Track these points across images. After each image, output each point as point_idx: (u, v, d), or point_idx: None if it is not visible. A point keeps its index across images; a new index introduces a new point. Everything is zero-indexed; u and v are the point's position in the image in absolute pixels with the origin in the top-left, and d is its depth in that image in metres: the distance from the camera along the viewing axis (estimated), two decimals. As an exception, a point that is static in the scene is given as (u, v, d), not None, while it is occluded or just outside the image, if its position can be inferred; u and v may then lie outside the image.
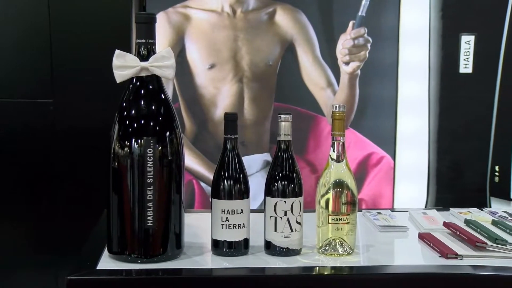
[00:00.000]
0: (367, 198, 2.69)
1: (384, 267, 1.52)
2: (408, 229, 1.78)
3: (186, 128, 2.61)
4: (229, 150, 1.54)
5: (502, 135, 2.88)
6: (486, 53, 2.80)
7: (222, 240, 1.52)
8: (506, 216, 1.84)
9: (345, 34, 2.62)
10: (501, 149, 2.91)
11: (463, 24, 2.78)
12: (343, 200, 1.52)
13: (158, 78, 1.49)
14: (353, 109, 2.67)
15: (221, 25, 2.58)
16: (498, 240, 1.52)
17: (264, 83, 2.61)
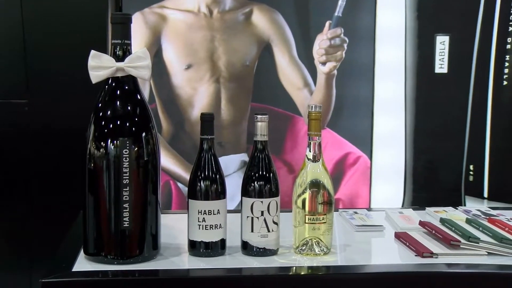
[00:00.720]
0: (344, 198, 2.70)
1: (360, 267, 1.52)
2: (385, 228, 1.79)
3: (163, 128, 2.60)
4: (205, 151, 1.53)
5: (476, 134, 2.91)
6: (460, 54, 2.83)
7: (199, 241, 1.52)
8: (479, 214, 1.86)
9: (322, 34, 2.63)
10: (475, 148, 2.94)
11: (438, 24, 2.81)
12: (319, 200, 1.52)
13: (134, 79, 1.48)
14: (330, 109, 2.69)
15: (197, 26, 2.58)
16: (471, 238, 1.53)
17: (241, 84, 2.62)
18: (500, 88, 2.89)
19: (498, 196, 2.93)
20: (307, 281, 1.46)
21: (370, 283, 1.48)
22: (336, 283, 1.47)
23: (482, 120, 2.93)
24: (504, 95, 2.91)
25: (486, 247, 1.52)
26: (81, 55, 1.56)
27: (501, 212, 1.90)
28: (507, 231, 1.59)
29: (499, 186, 2.94)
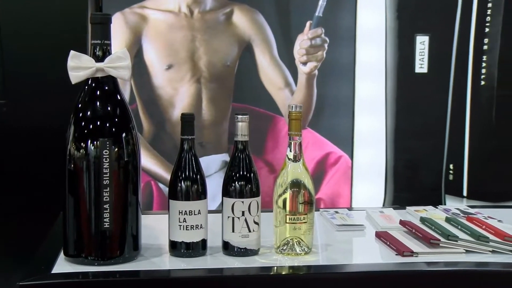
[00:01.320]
0: (325, 198, 2.71)
1: (341, 266, 1.53)
2: (365, 227, 1.79)
3: (144, 129, 2.59)
4: (186, 151, 1.53)
5: (456, 134, 2.94)
6: (440, 54, 2.85)
7: (180, 241, 1.51)
8: (458, 213, 1.87)
9: (303, 35, 2.63)
10: (455, 147, 2.96)
11: (418, 25, 2.82)
12: (300, 200, 1.52)
13: (114, 79, 1.48)
14: (311, 109, 2.69)
15: (178, 26, 2.57)
16: (450, 237, 1.55)
17: (222, 84, 2.61)
18: (478, 88, 2.92)
19: (477, 194, 2.95)
20: (288, 281, 1.47)
21: (351, 282, 1.48)
22: (317, 283, 1.47)
23: (462, 120, 2.95)
24: (482, 95, 2.93)
25: (464, 245, 1.54)
26: (61, 55, 1.55)
27: (479, 211, 1.92)
28: (484, 229, 1.61)
29: (478, 185, 2.97)
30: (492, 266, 1.47)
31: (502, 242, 1.53)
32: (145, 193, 2.60)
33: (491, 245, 1.53)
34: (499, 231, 1.56)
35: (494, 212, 1.91)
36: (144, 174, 2.59)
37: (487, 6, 2.81)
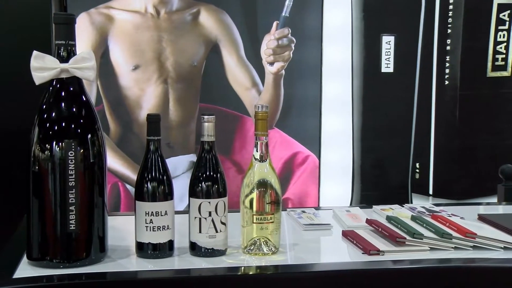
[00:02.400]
0: (293, 197, 2.72)
1: (309, 265, 1.53)
2: (332, 227, 1.80)
3: (111, 130, 2.58)
4: (152, 152, 1.52)
5: (422, 133, 2.98)
6: (405, 53, 2.89)
7: (147, 243, 1.51)
8: (423, 211, 1.89)
9: (269, 35, 2.64)
10: (421, 146, 3.00)
11: (383, 25, 2.86)
12: (267, 200, 1.53)
13: (79, 80, 1.47)
14: (278, 109, 2.70)
15: (145, 26, 2.56)
16: (415, 235, 1.56)
17: (189, 84, 2.61)
18: (443, 88, 2.96)
19: (442, 193, 3.00)
20: (256, 281, 1.47)
21: (319, 281, 1.49)
22: (284, 282, 1.48)
23: (427, 119, 2.99)
24: (447, 94, 2.97)
25: (429, 242, 1.55)
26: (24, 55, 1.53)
27: (443, 208, 1.94)
28: (448, 226, 1.63)
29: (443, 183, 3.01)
30: (454, 262, 1.50)
31: (464, 239, 1.55)
32: (112, 194, 2.59)
33: (454, 242, 1.55)
34: (461, 228, 1.59)
35: (458, 209, 1.94)
36: (111, 175, 2.58)
37: (449, 8, 2.85)
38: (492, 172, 2.63)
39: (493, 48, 2.99)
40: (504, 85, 3.09)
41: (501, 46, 3.01)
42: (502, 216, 1.87)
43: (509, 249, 1.55)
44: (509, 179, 2.30)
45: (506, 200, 2.29)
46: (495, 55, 3.01)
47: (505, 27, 2.99)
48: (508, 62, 3.06)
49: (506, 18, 2.97)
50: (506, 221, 1.73)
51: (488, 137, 3.07)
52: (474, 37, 2.96)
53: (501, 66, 3.04)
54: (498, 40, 3.00)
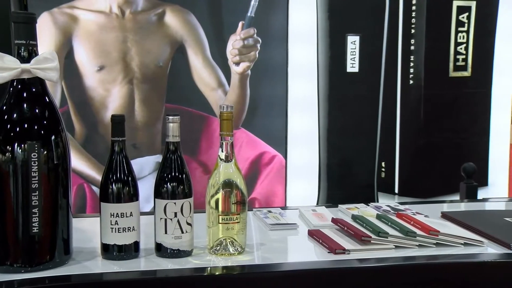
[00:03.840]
0: (260, 197, 2.73)
1: (275, 265, 1.54)
2: (298, 226, 1.81)
3: (76, 131, 2.55)
4: (117, 153, 1.51)
5: (387, 132, 3.00)
6: (370, 53, 2.91)
7: (112, 244, 1.49)
8: (389, 210, 1.91)
9: (235, 35, 2.64)
10: (386, 145, 3.03)
11: (348, 25, 2.88)
12: (232, 200, 1.53)
13: (42, 81, 1.45)
14: (244, 109, 2.71)
15: (109, 26, 2.54)
16: (380, 233, 1.58)
17: (154, 85, 2.60)
18: (407, 87, 2.99)
19: (408, 191, 3.03)
20: (222, 281, 1.47)
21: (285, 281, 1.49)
22: (251, 283, 1.48)
23: (392, 118, 3.02)
24: (411, 94, 3.01)
25: (394, 241, 1.57)
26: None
27: (408, 207, 1.96)
28: (412, 224, 1.65)
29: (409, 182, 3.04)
30: (418, 260, 1.52)
31: (428, 236, 1.57)
32: (78, 195, 2.56)
33: (418, 240, 1.57)
34: (425, 226, 1.61)
35: (422, 207, 1.96)
36: (76, 176, 2.55)
37: (412, 9, 2.89)
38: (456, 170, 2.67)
39: (454, 49, 3.04)
40: (466, 85, 3.14)
41: (462, 47, 3.06)
42: (463, 213, 1.90)
43: (469, 245, 1.57)
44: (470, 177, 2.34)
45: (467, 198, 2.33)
46: (456, 55, 3.06)
47: (464, 29, 3.04)
48: (468, 63, 3.11)
49: (465, 20, 3.03)
50: (467, 218, 1.76)
51: (451, 136, 3.12)
52: (437, 37, 3.00)
53: (462, 66, 3.09)
54: (459, 41, 3.04)
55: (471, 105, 3.19)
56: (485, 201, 2.33)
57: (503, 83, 3.38)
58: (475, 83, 3.19)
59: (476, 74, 3.17)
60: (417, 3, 2.89)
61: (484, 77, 3.23)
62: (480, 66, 3.18)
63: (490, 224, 1.70)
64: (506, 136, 3.52)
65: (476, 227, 1.67)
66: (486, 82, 3.24)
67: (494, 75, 3.28)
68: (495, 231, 1.63)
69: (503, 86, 3.38)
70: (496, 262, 1.52)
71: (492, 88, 3.28)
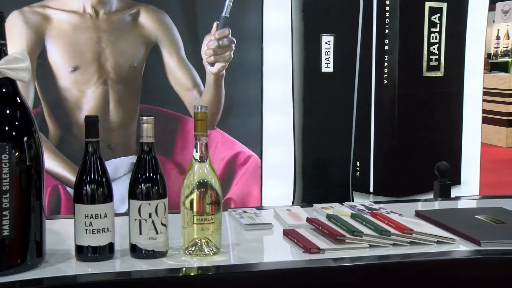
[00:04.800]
0: (235, 197, 2.73)
1: (250, 265, 1.54)
2: (273, 226, 1.81)
3: (50, 132, 2.53)
4: (90, 154, 1.50)
5: (362, 132, 3.02)
6: (345, 53, 2.93)
7: (86, 246, 1.48)
8: (363, 209, 1.92)
9: (210, 35, 2.64)
10: (361, 145, 3.05)
11: (323, 25, 2.89)
12: (207, 200, 1.52)
13: (12, 81, 1.43)
14: (220, 109, 2.71)
15: (83, 27, 2.52)
16: (355, 232, 1.59)
17: (129, 85, 2.59)
18: (382, 87, 3.02)
19: (382, 190, 3.05)
20: (197, 282, 1.46)
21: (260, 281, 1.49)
22: (226, 283, 1.48)
23: (367, 118, 3.04)
24: (385, 94, 3.03)
25: (368, 240, 1.58)
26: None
27: (382, 206, 1.97)
28: (387, 223, 1.66)
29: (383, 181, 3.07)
30: (392, 258, 1.53)
31: (401, 235, 1.59)
32: (52, 197, 2.54)
33: (392, 239, 1.58)
34: (399, 225, 1.62)
35: (397, 206, 1.97)
36: (51, 178, 2.53)
37: (386, 9, 2.91)
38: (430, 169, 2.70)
39: (427, 49, 3.07)
40: (439, 85, 3.17)
41: (434, 47, 3.09)
42: (437, 211, 1.92)
43: (442, 243, 1.59)
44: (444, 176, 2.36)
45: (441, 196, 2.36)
46: (429, 55, 3.09)
47: (436, 29, 3.07)
48: (441, 63, 3.15)
49: (437, 20, 3.06)
50: (440, 216, 1.78)
51: (425, 135, 3.15)
52: (410, 38, 3.03)
53: (435, 66, 3.12)
54: (431, 41, 3.08)
55: (444, 105, 3.23)
56: (458, 199, 2.36)
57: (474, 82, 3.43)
58: (448, 82, 3.22)
59: (449, 73, 3.20)
60: (391, 4, 2.92)
61: (456, 77, 3.27)
62: (452, 66, 3.22)
63: (461, 222, 1.72)
64: (477, 135, 3.57)
65: (449, 225, 1.69)
66: (458, 82, 3.28)
67: (466, 75, 3.32)
68: (466, 228, 1.65)
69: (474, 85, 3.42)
70: (467, 259, 1.54)
71: (464, 87, 3.32)
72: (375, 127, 3.06)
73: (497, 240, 1.58)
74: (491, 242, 1.57)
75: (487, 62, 8.87)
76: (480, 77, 3.53)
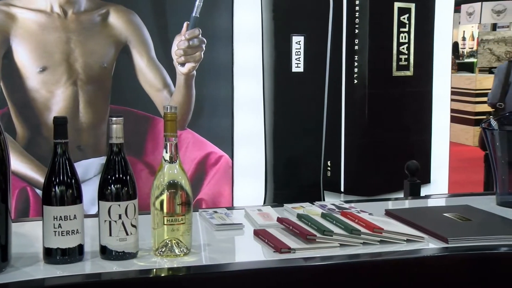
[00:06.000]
0: (207, 198, 2.72)
1: (221, 266, 1.54)
2: (244, 226, 1.81)
3: (18, 133, 2.50)
4: (59, 155, 1.49)
5: (333, 131, 3.04)
6: (315, 53, 2.94)
7: (55, 248, 1.47)
8: (334, 208, 1.93)
9: (180, 35, 2.63)
10: (332, 145, 3.06)
11: (293, 25, 2.90)
12: (177, 201, 1.52)
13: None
14: (190, 109, 2.70)
15: (51, 26, 2.50)
16: (325, 232, 1.59)
17: (99, 86, 2.57)
18: (352, 87, 3.04)
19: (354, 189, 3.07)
20: (168, 283, 1.46)
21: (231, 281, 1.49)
22: (197, 283, 1.47)
23: (337, 117, 3.05)
24: (356, 93, 3.05)
25: (338, 239, 1.59)
26: None
27: (353, 205, 1.98)
28: (357, 222, 1.67)
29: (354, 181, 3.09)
30: (362, 257, 1.54)
31: (372, 234, 1.60)
32: (20, 199, 2.51)
33: (362, 238, 1.59)
34: (369, 224, 1.63)
35: (367, 205, 1.99)
36: (19, 180, 2.50)
37: (355, 9, 2.93)
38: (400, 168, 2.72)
39: (396, 48, 3.10)
40: (409, 84, 3.20)
41: (404, 47, 3.12)
42: (407, 210, 1.93)
43: (412, 241, 1.61)
44: (414, 175, 2.39)
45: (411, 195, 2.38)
46: (399, 55, 3.11)
47: (405, 29, 3.10)
48: (411, 62, 3.18)
49: (406, 21, 3.09)
50: (410, 215, 1.80)
51: (395, 135, 3.17)
52: (380, 37, 3.05)
53: (405, 66, 3.15)
54: (401, 41, 3.10)
55: (414, 104, 3.26)
56: (427, 198, 2.39)
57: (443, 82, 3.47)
58: (417, 82, 3.26)
59: (418, 73, 3.23)
60: (360, 4, 2.94)
61: (425, 77, 3.30)
62: (421, 66, 3.25)
63: (430, 220, 1.75)
64: (446, 134, 3.61)
65: (418, 223, 1.71)
66: (427, 82, 3.31)
67: (434, 74, 3.36)
68: (434, 226, 1.67)
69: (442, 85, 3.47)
70: (435, 256, 1.56)
71: (433, 87, 3.36)
72: (345, 126, 3.08)
73: (463, 237, 1.61)
74: (458, 239, 1.59)
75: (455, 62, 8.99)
76: (448, 77, 3.57)
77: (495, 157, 2.03)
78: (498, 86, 4.20)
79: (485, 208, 1.92)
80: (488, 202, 2.01)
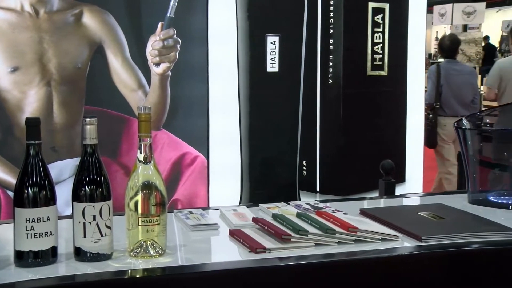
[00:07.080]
0: (182, 198, 2.71)
1: (196, 266, 1.53)
2: (219, 226, 1.81)
3: (-11, 134, 2.48)
4: (32, 156, 1.47)
5: (308, 131, 3.05)
6: (290, 53, 2.94)
7: (27, 251, 1.45)
8: (309, 208, 1.94)
9: (155, 35, 2.62)
10: (307, 144, 3.07)
11: (268, 25, 2.90)
12: (152, 202, 1.51)
13: None
14: (165, 110, 2.69)
15: (22, 26, 2.47)
16: (300, 231, 1.60)
17: (73, 86, 2.55)
18: (327, 87, 3.05)
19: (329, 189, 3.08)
20: (143, 284, 1.45)
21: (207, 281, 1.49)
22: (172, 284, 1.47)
23: (313, 117, 3.06)
24: (331, 93, 3.06)
25: (313, 238, 1.59)
26: None
27: (328, 205, 1.99)
28: (332, 222, 1.68)
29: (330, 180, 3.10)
30: (337, 257, 1.55)
31: (346, 233, 1.61)
32: (-8, 202, 2.48)
33: (337, 237, 1.60)
34: (344, 223, 1.64)
35: (342, 205, 2.00)
36: (-9, 182, 2.47)
37: (330, 9, 2.94)
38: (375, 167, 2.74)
39: (371, 48, 3.12)
40: (383, 84, 3.22)
41: (378, 47, 3.14)
42: (381, 209, 1.95)
43: (386, 240, 1.62)
44: (388, 174, 2.40)
45: (386, 194, 2.39)
46: (373, 55, 3.13)
47: (380, 29, 3.12)
48: (385, 62, 3.20)
49: (380, 21, 3.11)
50: (384, 214, 1.81)
51: (370, 134, 3.19)
52: (354, 37, 3.07)
53: (379, 65, 3.17)
54: (375, 41, 3.12)
55: (388, 104, 3.28)
56: (402, 197, 2.40)
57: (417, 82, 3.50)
58: (392, 82, 3.28)
59: (392, 73, 3.26)
60: (335, 4, 2.95)
61: (399, 76, 3.33)
62: (396, 66, 3.27)
63: (404, 219, 1.76)
64: (420, 133, 3.65)
65: (392, 222, 1.72)
66: (401, 81, 3.34)
67: (409, 74, 3.39)
68: (408, 225, 1.69)
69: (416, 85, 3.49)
70: (410, 255, 1.58)
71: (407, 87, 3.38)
72: (321, 126, 3.08)
73: (437, 235, 1.62)
74: (431, 237, 1.61)
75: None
76: (422, 77, 3.61)
77: (467, 155, 2.06)
78: (432, 87, 4.43)
79: (458, 206, 1.94)
80: (460, 200, 2.04)
